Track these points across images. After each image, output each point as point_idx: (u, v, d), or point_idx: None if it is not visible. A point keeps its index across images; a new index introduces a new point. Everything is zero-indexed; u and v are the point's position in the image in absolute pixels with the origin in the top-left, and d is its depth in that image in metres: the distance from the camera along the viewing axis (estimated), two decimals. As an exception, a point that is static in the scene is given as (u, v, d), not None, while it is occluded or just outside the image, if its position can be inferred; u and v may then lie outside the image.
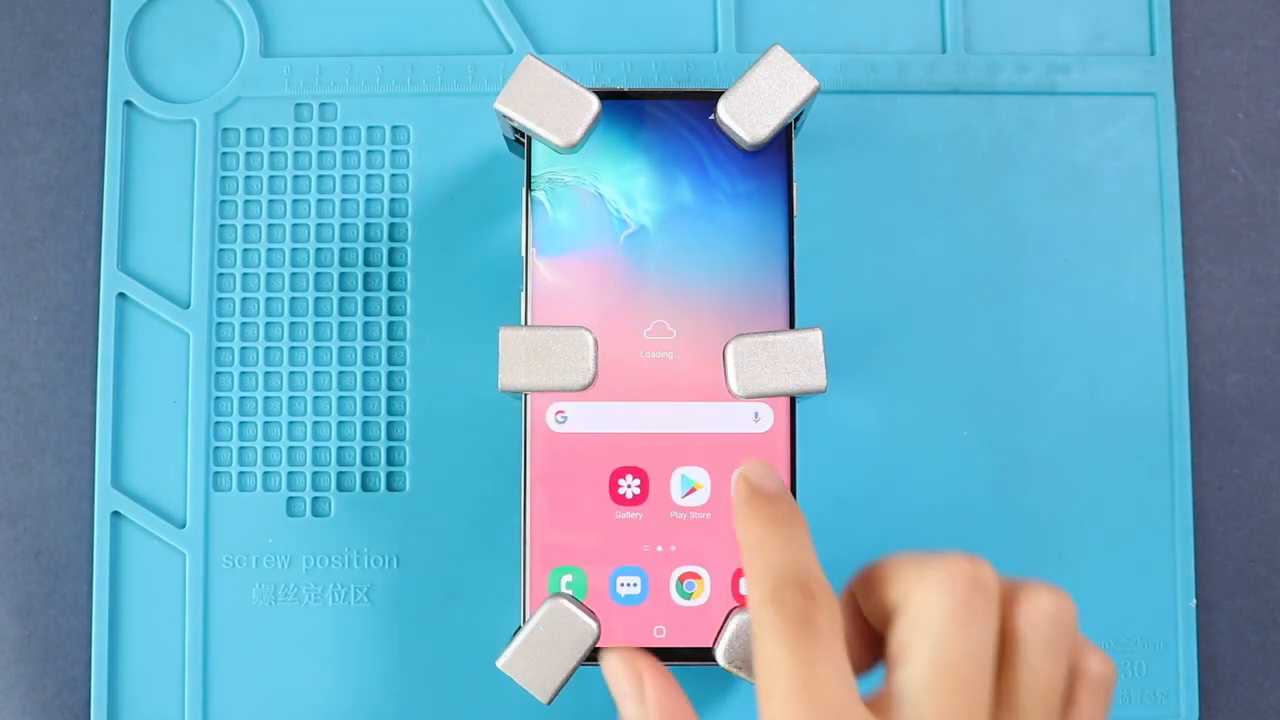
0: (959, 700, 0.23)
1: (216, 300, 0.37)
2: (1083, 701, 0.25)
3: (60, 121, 0.38)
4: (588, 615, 0.30)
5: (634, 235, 0.32)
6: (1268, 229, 0.39)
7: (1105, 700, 0.25)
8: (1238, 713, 0.37)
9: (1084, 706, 0.25)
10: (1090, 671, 0.25)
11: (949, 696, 0.23)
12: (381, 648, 0.36)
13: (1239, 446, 0.38)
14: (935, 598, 0.23)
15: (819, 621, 0.23)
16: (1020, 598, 0.24)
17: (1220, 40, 0.39)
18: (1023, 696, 0.23)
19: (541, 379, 0.31)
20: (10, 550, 0.37)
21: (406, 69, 0.38)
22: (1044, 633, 0.24)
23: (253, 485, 0.37)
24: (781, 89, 0.31)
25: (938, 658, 0.23)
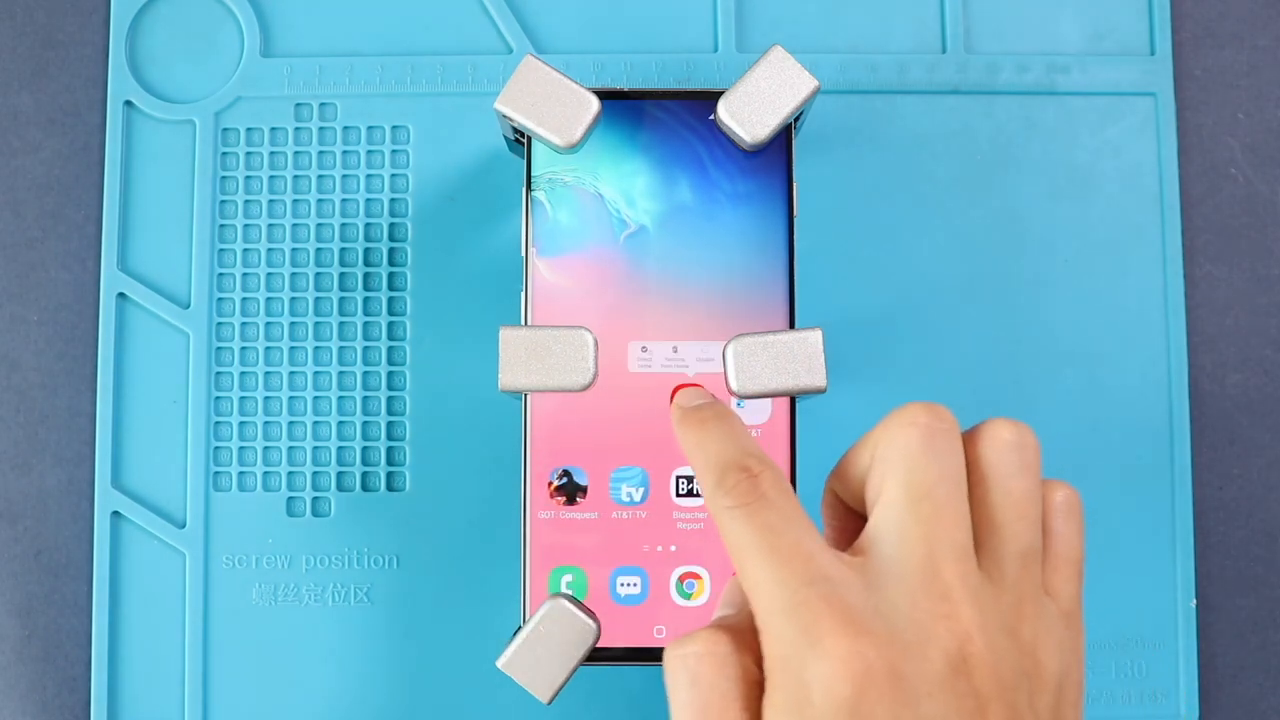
0: (938, 523, 0.23)
1: (216, 300, 0.37)
2: (1057, 525, 0.25)
3: (60, 121, 0.38)
4: (588, 615, 0.30)
5: (634, 235, 0.32)
6: (1268, 229, 0.39)
7: (1078, 523, 0.25)
8: (1238, 713, 0.37)
9: (1059, 530, 0.25)
10: (1056, 499, 0.25)
11: (927, 522, 0.23)
12: (381, 648, 0.36)
13: (1239, 446, 0.38)
14: (900, 437, 0.24)
15: (766, 491, 0.24)
16: (981, 431, 0.24)
17: (1220, 40, 0.39)
18: (1001, 515, 0.24)
19: (541, 379, 0.31)
20: (10, 550, 0.37)
21: (406, 69, 0.38)
22: (1010, 456, 0.24)
23: (253, 485, 0.37)
24: (781, 89, 0.31)
25: (910, 487, 0.23)
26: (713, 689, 0.23)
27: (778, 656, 0.22)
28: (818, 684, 0.21)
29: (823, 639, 0.22)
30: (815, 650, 0.22)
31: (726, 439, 0.26)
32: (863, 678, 0.21)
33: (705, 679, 0.23)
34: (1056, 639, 0.24)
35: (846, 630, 0.22)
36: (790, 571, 0.22)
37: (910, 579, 0.23)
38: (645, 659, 0.31)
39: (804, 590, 0.22)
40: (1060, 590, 0.25)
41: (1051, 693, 0.23)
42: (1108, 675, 0.37)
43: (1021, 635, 0.23)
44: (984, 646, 0.22)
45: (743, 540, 0.23)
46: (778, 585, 0.22)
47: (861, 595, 0.22)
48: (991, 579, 0.23)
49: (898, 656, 0.22)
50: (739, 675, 0.23)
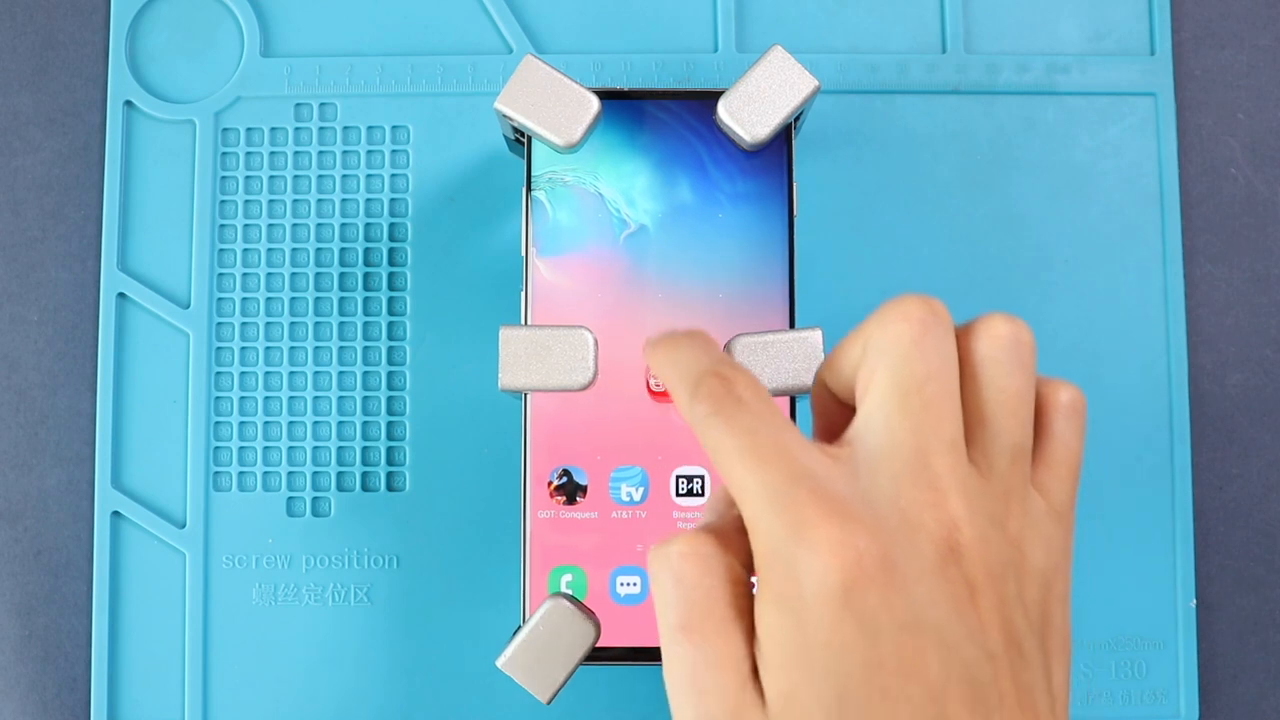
0: (928, 417, 0.23)
1: (216, 300, 0.37)
2: (1058, 427, 0.25)
3: (60, 121, 0.38)
4: (588, 615, 0.30)
5: (634, 235, 0.32)
6: (1268, 229, 0.39)
7: (1080, 426, 0.25)
8: (1238, 713, 0.37)
9: (1059, 431, 0.25)
10: (1060, 400, 0.25)
11: (917, 415, 0.23)
12: (381, 648, 0.36)
13: (1239, 446, 0.38)
14: (892, 329, 0.23)
15: (742, 394, 0.23)
16: (975, 327, 0.24)
17: (1220, 40, 0.39)
18: (992, 411, 0.24)
19: (542, 379, 0.31)
20: (10, 550, 0.37)
21: (406, 69, 0.38)
22: (1004, 353, 0.24)
23: (253, 485, 0.37)
24: (781, 89, 0.31)
25: (900, 379, 0.23)
26: (697, 587, 0.23)
27: (767, 552, 0.22)
28: (809, 575, 0.21)
29: (811, 530, 0.21)
30: (804, 542, 0.22)
31: (699, 351, 0.25)
32: (854, 566, 0.21)
33: (690, 578, 0.23)
34: (1044, 535, 0.24)
35: (835, 520, 0.22)
36: (774, 469, 0.22)
37: (898, 470, 0.22)
38: (645, 659, 0.31)
39: (789, 486, 0.22)
40: (1053, 490, 0.24)
41: (1038, 587, 0.23)
42: (1108, 675, 0.37)
43: (1009, 528, 0.23)
44: (973, 536, 0.22)
45: (724, 444, 0.23)
46: (762, 484, 0.22)
47: (848, 486, 0.22)
48: (980, 472, 0.23)
49: (887, 544, 0.22)
50: (725, 574, 0.23)
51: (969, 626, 0.22)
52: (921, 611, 0.21)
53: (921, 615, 0.21)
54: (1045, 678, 0.23)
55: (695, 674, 0.23)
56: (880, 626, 0.21)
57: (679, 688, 0.23)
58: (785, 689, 0.22)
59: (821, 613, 0.21)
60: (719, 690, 0.23)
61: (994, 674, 0.22)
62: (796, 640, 0.22)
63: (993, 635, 0.22)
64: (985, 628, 0.22)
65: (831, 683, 0.21)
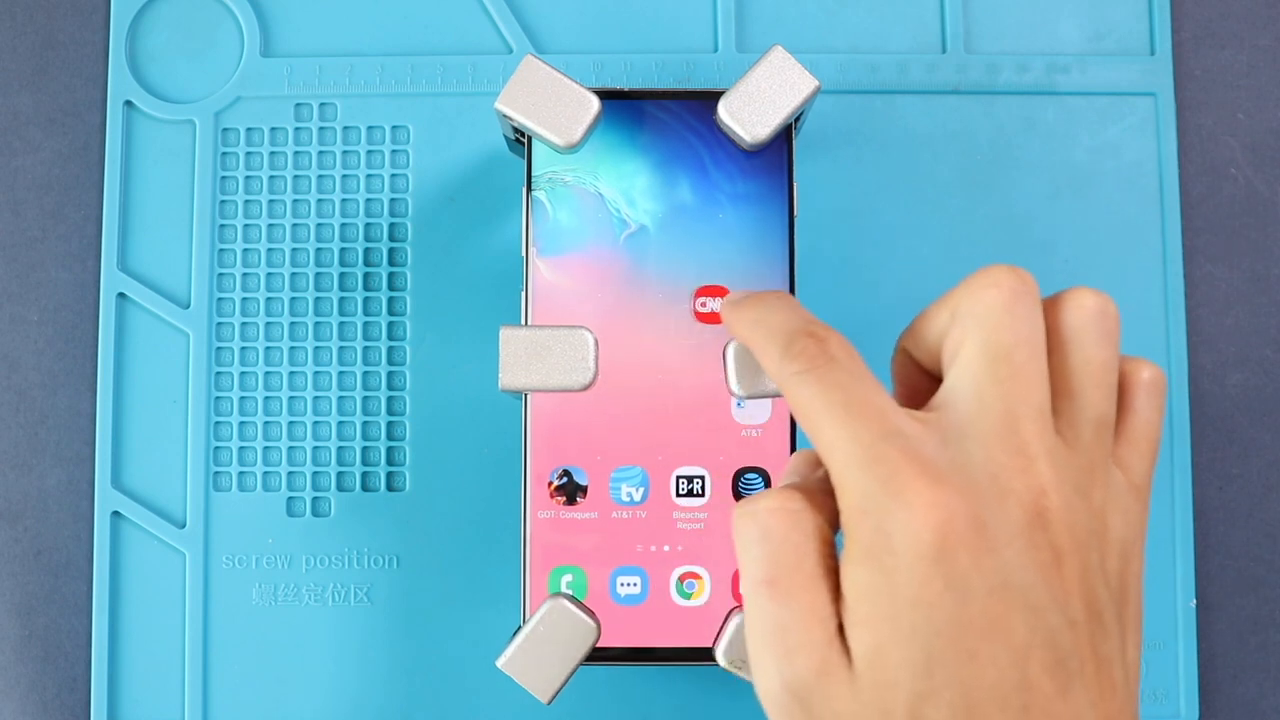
0: (1015, 385, 0.23)
1: (216, 300, 0.37)
2: (1139, 403, 0.25)
3: (60, 121, 0.38)
4: (588, 615, 0.30)
5: (634, 235, 0.32)
6: (1268, 229, 0.39)
7: (1160, 404, 0.25)
8: (1238, 713, 0.37)
9: (1140, 408, 0.25)
10: (1142, 376, 0.25)
11: (1006, 381, 0.23)
12: (381, 648, 0.36)
13: (1239, 446, 0.38)
14: (982, 295, 0.23)
15: (835, 352, 0.24)
16: (1064, 298, 0.24)
17: (1220, 40, 0.39)
18: (1079, 382, 0.24)
19: (542, 379, 0.31)
20: (10, 550, 0.37)
21: (406, 69, 0.38)
22: (1091, 324, 0.24)
23: (253, 485, 0.37)
24: (781, 89, 0.31)
25: (990, 346, 0.23)
26: (785, 542, 0.23)
27: (856, 509, 0.22)
28: (900, 532, 0.22)
29: (904, 489, 0.22)
30: (897, 500, 0.22)
31: (790, 310, 0.25)
32: (946, 525, 0.21)
33: (777, 533, 0.23)
34: (1124, 507, 0.24)
35: (927, 479, 0.22)
36: (865, 426, 0.22)
37: (987, 435, 0.23)
38: (645, 659, 0.31)
39: (881, 444, 0.22)
40: (1133, 465, 0.25)
41: (1118, 558, 0.24)
42: (1108, 675, 0.37)
43: (1092, 499, 0.23)
44: (1059, 503, 0.22)
45: (815, 402, 0.23)
46: (853, 441, 0.22)
47: (938, 449, 0.22)
48: (1066, 441, 0.23)
49: (978, 506, 0.22)
50: (812, 531, 0.23)
51: (1054, 593, 0.22)
52: (1010, 575, 0.22)
53: (1010, 578, 0.22)
54: (1121, 650, 0.23)
55: (781, 630, 0.23)
56: (970, 587, 0.21)
57: (763, 644, 0.23)
58: (872, 645, 0.22)
59: (912, 570, 0.22)
60: (806, 646, 0.23)
61: (1075, 642, 0.22)
62: (885, 597, 0.22)
63: (1075, 603, 0.22)
64: (1069, 595, 0.22)
65: (919, 641, 0.22)
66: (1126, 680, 0.23)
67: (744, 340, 0.26)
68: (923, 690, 0.22)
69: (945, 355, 0.24)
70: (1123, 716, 0.23)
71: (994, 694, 0.21)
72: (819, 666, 0.23)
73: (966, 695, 0.21)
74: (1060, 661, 0.22)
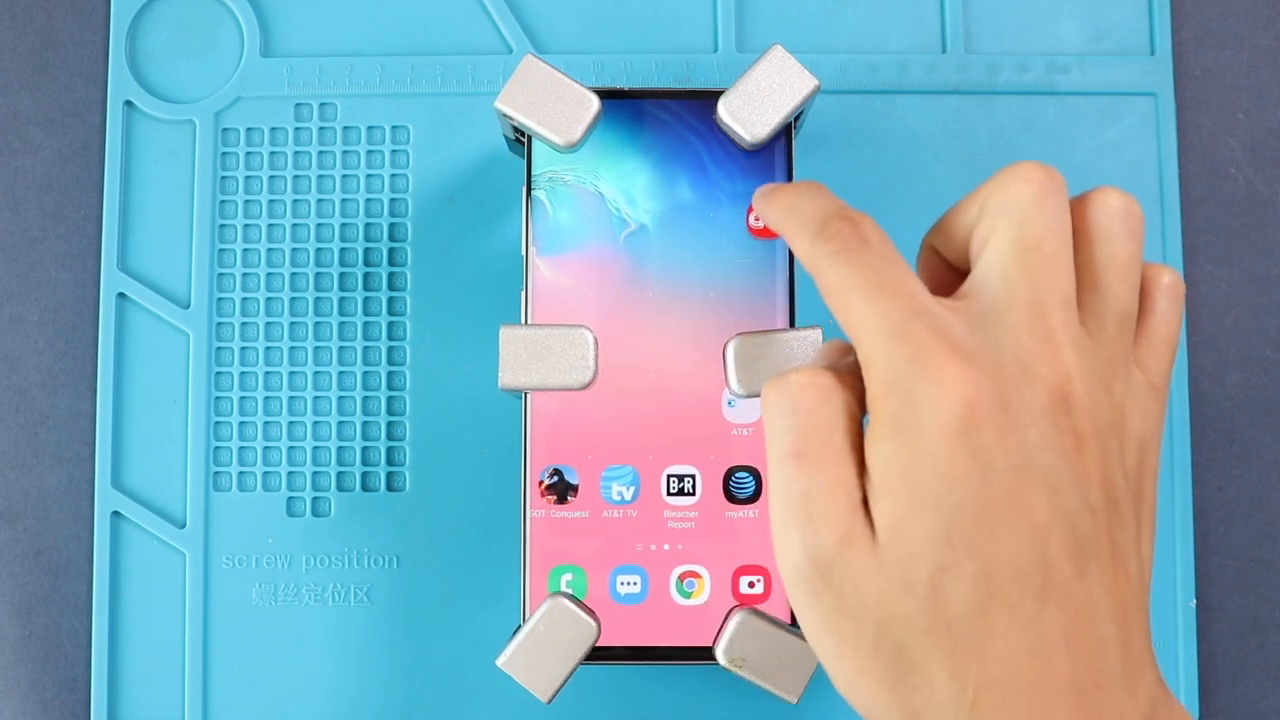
0: (1044, 274, 0.23)
1: (216, 300, 0.37)
2: (1160, 305, 0.25)
3: (60, 121, 0.38)
4: (588, 615, 0.30)
5: (634, 234, 0.32)
6: (1268, 229, 0.39)
7: (1179, 307, 0.26)
8: (1237, 713, 0.37)
9: (1161, 310, 0.25)
10: (1163, 281, 0.26)
11: (1034, 271, 0.23)
12: (381, 648, 0.36)
13: (1239, 446, 0.38)
14: (1013, 188, 0.24)
15: (868, 235, 0.24)
16: (1090, 196, 0.25)
17: (1220, 40, 0.39)
18: (1104, 276, 0.24)
19: (542, 378, 0.31)
20: (10, 550, 0.37)
21: (406, 69, 0.38)
22: (1117, 221, 0.24)
23: (253, 485, 0.37)
24: (781, 88, 0.31)
25: (1020, 236, 0.23)
26: (814, 415, 0.24)
27: (884, 385, 0.23)
28: (927, 405, 0.22)
29: (932, 365, 0.22)
30: (925, 375, 0.22)
31: (824, 196, 0.26)
32: (973, 401, 0.22)
33: (807, 406, 0.24)
34: (1142, 404, 0.24)
35: (955, 358, 0.22)
36: (895, 305, 0.23)
37: (1015, 320, 0.23)
38: (645, 658, 0.31)
39: (910, 322, 0.22)
40: (1152, 366, 0.25)
41: (1136, 452, 0.24)
42: (1108, 675, 0.37)
43: (1113, 391, 0.24)
44: (1083, 390, 0.23)
45: (847, 282, 0.23)
46: (883, 319, 0.23)
47: (966, 332, 0.23)
48: (1090, 333, 0.24)
49: (1004, 386, 0.22)
50: (841, 406, 0.24)
51: (1075, 476, 0.22)
52: (1033, 454, 0.22)
53: (1033, 458, 0.22)
54: (1136, 543, 0.23)
55: (806, 500, 0.23)
56: (994, 463, 0.22)
57: (788, 514, 0.24)
58: (896, 517, 0.22)
59: (938, 444, 0.22)
60: (829, 515, 0.23)
61: (1094, 527, 0.22)
62: (910, 470, 0.22)
63: (1095, 489, 0.22)
64: (1089, 480, 0.22)
65: (942, 515, 0.22)
66: (1141, 574, 0.23)
67: (777, 228, 0.26)
68: (944, 562, 0.22)
69: (974, 247, 0.24)
70: (1135, 608, 0.23)
71: (1013, 570, 0.22)
72: (842, 536, 0.23)
73: (987, 569, 0.22)
74: (1079, 544, 0.22)
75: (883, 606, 0.22)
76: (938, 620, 0.22)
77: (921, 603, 0.22)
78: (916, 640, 0.22)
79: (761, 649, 0.30)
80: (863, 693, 0.23)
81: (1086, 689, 0.22)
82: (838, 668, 0.23)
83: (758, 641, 0.30)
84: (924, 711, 0.22)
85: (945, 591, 0.22)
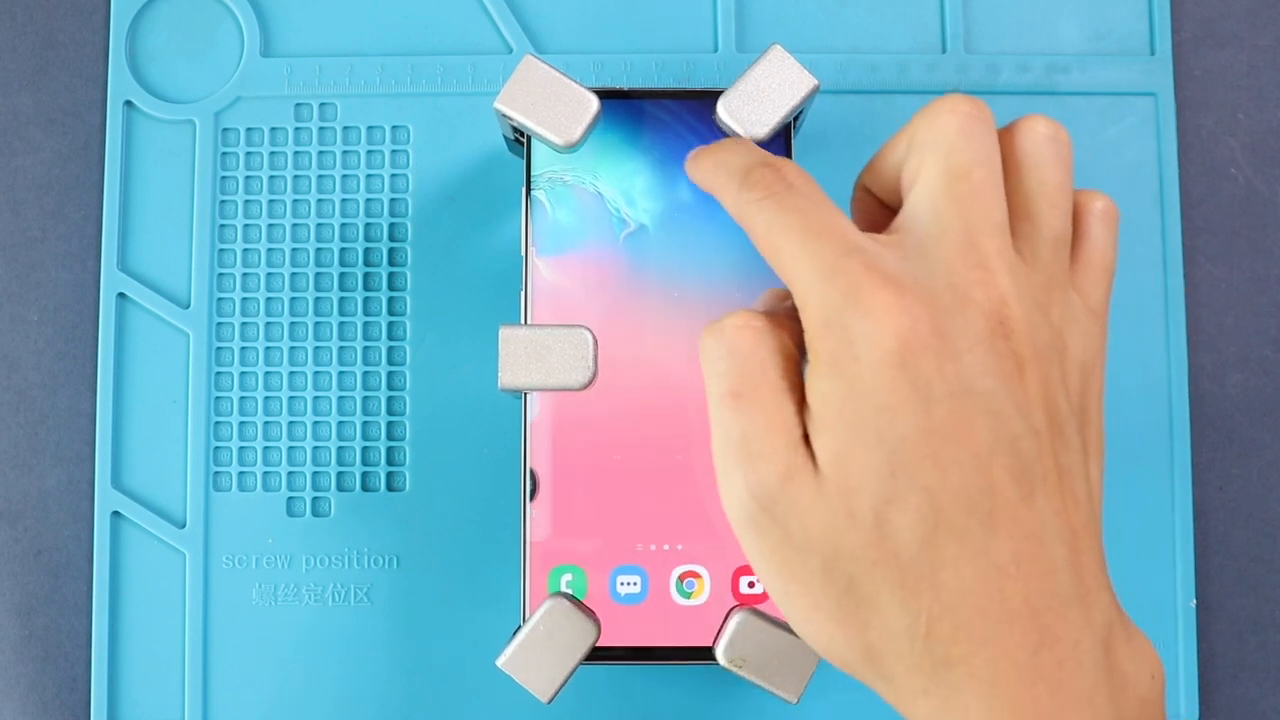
0: (974, 203, 0.23)
1: (216, 300, 0.37)
2: (1094, 231, 0.26)
3: (60, 121, 0.38)
4: (588, 615, 0.30)
5: (634, 235, 0.32)
6: (1268, 229, 0.39)
7: (1113, 232, 0.26)
8: (1238, 713, 0.37)
9: (1095, 235, 0.26)
10: (1095, 206, 0.26)
11: (964, 200, 0.23)
12: (381, 648, 0.36)
13: (1239, 446, 0.38)
14: (939, 122, 0.24)
15: (792, 179, 0.24)
16: (1017, 125, 0.25)
17: (1220, 40, 0.39)
18: (1035, 203, 0.24)
19: (541, 378, 0.31)
20: (10, 550, 0.37)
21: (406, 69, 0.38)
22: (1045, 148, 0.24)
23: (253, 485, 0.37)
24: (781, 88, 0.31)
25: (948, 167, 0.23)
26: (750, 357, 0.24)
27: (820, 322, 0.23)
28: (863, 339, 0.22)
29: (866, 298, 0.22)
30: (859, 309, 0.22)
31: (747, 149, 0.26)
32: (908, 332, 0.22)
33: (742, 348, 0.24)
34: (1082, 328, 0.24)
35: (889, 290, 0.22)
36: (826, 244, 0.23)
37: (947, 250, 0.23)
38: (645, 658, 0.31)
39: (842, 259, 0.22)
40: (1090, 291, 0.25)
41: (1078, 375, 0.24)
42: (1108, 675, 0.37)
43: (1051, 315, 0.24)
44: (1020, 314, 0.23)
45: (775, 226, 0.24)
46: (814, 258, 0.23)
47: (899, 264, 0.23)
48: (1024, 259, 0.24)
49: (939, 315, 0.22)
50: (777, 347, 0.24)
51: (1016, 399, 0.22)
52: (972, 380, 0.22)
53: (972, 383, 0.22)
54: (1084, 466, 0.23)
55: (746, 439, 0.23)
56: (932, 391, 0.22)
57: (728, 455, 0.24)
58: (837, 452, 0.22)
59: (875, 376, 0.22)
60: (769, 453, 0.23)
61: (1038, 450, 0.22)
62: (849, 404, 0.22)
63: (1037, 412, 0.22)
64: (1031, 403, 0.22)
65: (883, 446, 0.22)
66: (1090, 496, 0.23)
67: (707, 187, 0.26)
68: (887, 494, 0.22)
69: (904, 182, 0.24)
70: (1086, 531, 0.23)
71: (959, 498, 0.22)
72: (783, 472, 0.23)
73: (932, 499, 0.22)
74: (1024, 469, 0.22)
75: (828, 540, 0.23)
76: (885, 552, 0.22)
77: (867, 535, 0.22)
78: (865, 573, 0.22)
79: (761, 649, 0.30)
80: (818, 630, 0.23)
81: (1040, 612, 0.22)
82: (791, 606, 0.24)
83: (758, 641, 0.30)
84: (879, 644, 0.22)
85: (891, 523, 0.22)
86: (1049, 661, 0.21)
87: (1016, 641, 0.21)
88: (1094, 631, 0.22)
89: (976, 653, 0.21)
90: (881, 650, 0.22)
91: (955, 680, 0.22)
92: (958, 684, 0.22)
